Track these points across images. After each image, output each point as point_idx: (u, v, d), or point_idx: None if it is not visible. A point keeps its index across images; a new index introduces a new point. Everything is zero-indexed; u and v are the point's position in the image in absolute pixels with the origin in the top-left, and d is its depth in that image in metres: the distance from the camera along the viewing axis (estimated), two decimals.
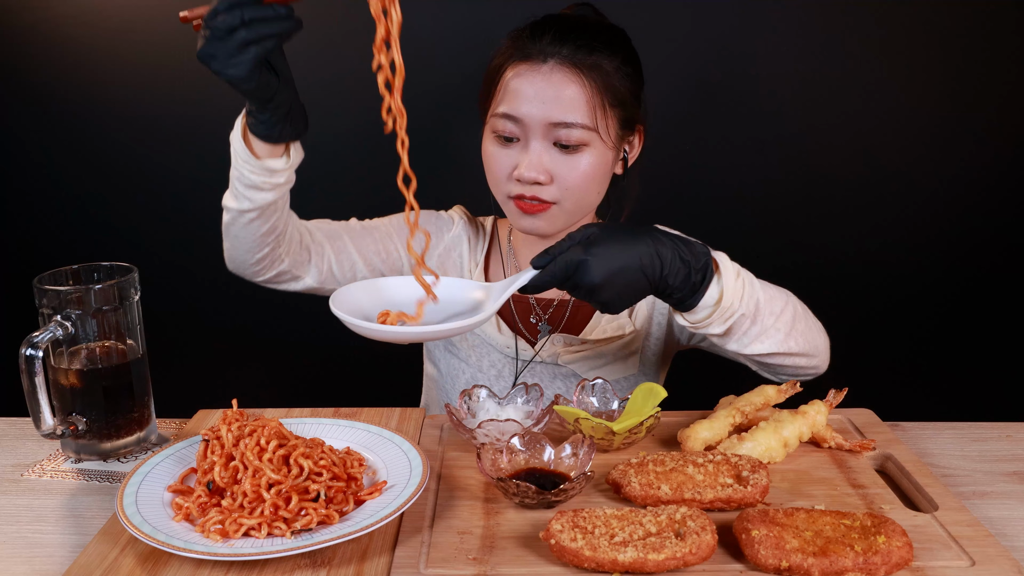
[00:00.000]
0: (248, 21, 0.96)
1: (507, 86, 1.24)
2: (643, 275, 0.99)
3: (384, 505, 0.90)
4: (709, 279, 1.04)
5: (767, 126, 2.09)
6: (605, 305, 1.00)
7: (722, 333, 1.09)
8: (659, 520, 0.86)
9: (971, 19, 2.00)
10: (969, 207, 2.13)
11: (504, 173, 1.27)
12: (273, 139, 1.12)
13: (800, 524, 0.86)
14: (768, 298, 1.11)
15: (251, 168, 1.14)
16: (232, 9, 0.95)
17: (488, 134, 1.29)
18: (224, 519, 0.87)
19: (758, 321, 1.09)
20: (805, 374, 1.20)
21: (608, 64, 1.23)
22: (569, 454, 1.01)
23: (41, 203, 2.19)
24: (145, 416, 1.15)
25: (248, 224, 1.21)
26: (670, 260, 1.00)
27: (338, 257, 1.37)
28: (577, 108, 1.21)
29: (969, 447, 1.15)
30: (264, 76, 1.03)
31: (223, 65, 0.98)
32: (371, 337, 0.95)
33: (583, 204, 1.28)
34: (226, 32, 0.96)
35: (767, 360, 1.15)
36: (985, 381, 2.23)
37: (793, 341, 1.13)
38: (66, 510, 1.01)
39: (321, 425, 1.09)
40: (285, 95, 1.08)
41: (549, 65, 1.21)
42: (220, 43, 0.97)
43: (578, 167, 1.23)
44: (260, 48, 0.98)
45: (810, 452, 1.08)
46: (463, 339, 1.42)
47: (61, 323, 1.05)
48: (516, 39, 1.26)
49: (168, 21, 2.03)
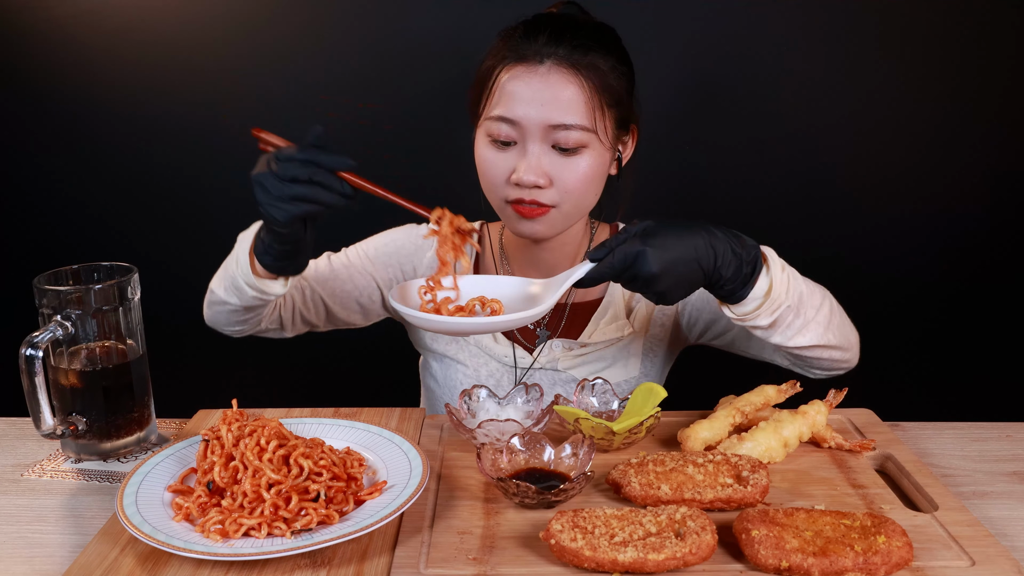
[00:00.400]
0: (314, 181, 1.00)
1: (502, 88, 1.22)
2: (698, 266, 1.02)
3: (384, 505, 0.91)
4: (758, 272, 1.08)
5: (767, 126, 2.09)
6: (660, 295, 1.04)
7: (768, 325, 1.11)
8: (659, 520, 0.86)
9: (976, 16, 2.00)
10: (969, 207, 2.13)
11: (501, 177, 1.24)
12: (277, 272, 1.16)
13: (800, 524, 0.87)
14: (809, 292, 1.14)
15: (247, 280, 1.17)
16: (307, 164, 1.00)
17: (482, 137, 1.26)
18: (224, 519, 0.88)
19: (801, 314, 1.13)
20: (839, 368, 1.24)
21: (603, 63, 1.21)
22: (569, 454, 1.01)
23: (41, 203, 2.19)
24: (145, 416, 1.15)
25: (231, 312, 1.25)
26: (723, 252, 1.03)
27: (316, 312, 1.40)
28: (576, 109, 1.19)
29: (969, 447, 1.15)
30: (297, 229, 1.06)
31: (268, 200, 1.02)
32: (429, 328, 1.03)
33: (582, 206, 1.27)
34: (288, 178, 1.00)
35: (806, 353, 1.17)
36: (985, 381, 2.23)
37: (831, 334, 1.17)
38: (66, 510, 1.01)
39: (321, 425, 1.10)
40: (301, 248, 1.12)
41: (546, 66, 1.19)
42: (276, 182, 1.01)
43: (577, 169, 1.22)
44: (309, 207, 1.02)
45: (810, 452, 1.09)
46: (460, 349, 1.40)
47: (61, 323, 1.06)
48: (509, 39, 1.24)
49: (168, 22, 2.03)
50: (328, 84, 2.04)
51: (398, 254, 1.43)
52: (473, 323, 1.01)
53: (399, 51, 2.01)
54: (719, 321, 1.36)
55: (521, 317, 0.99)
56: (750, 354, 1.36)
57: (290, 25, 2.03)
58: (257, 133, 1.06)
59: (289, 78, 2.04)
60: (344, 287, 1.40)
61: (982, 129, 2.08)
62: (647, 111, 1.35)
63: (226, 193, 2.16)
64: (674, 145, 2.08)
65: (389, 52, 2.02)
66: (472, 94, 1.30)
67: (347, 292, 1.41)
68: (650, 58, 1.92)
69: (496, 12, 1.41)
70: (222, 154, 2.13)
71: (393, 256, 1.43)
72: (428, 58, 2.03)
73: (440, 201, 1.49)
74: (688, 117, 2.08)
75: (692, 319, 1.39)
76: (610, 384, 1.18)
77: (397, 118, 2.06)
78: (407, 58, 2.02)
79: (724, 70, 2.06)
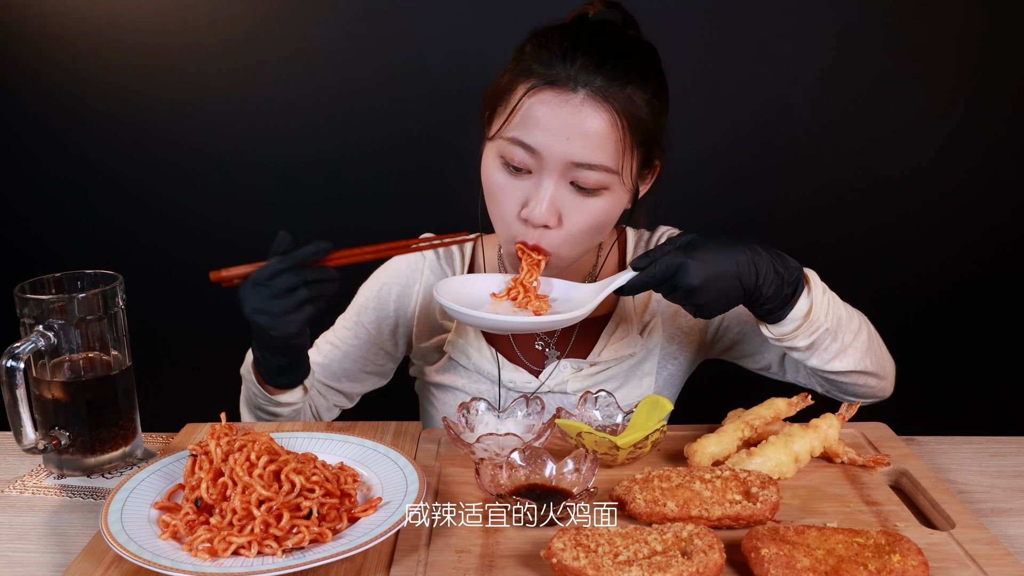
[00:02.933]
0: (310, 282, 1.06)
1: (527, 110, 1.14)
2: (739, 282, 1.07)
3: (379, 522, 0.90)
4: (799, 293, 1.12)
5: (774, 129, 2.09)
6: (700, 308, 1.09)
7: (805, 347, 1.16)
8: (665, 538, 0.86)
9: (990, 13, 2.01)
10: (991, 216, 2.13)
11: (513, 210, 1.19)
12: (291, 386, 1.23)
13: (811, 542, 0.86)
14: (848, 317, 1.18)
15: (265, 401, 1.24)
16: (295, 270, 1.05)
17: (492, 156, 1.20)
18: (213, 537, 0.87)
19: (839, 338, 1.17)
20: (874, 396, 1.28)
21: (640, 96, 1.15)
22: (571, 469, 1.01)
23: (22, 209, 2.19)
24: (130, 430, 1.15)
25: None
26: (765, 271, 1.08)
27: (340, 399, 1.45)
28: (603, 148, 1.13)
29: (987, 462, 1.15)
30: (306, 333, 1.13)
31: (275, 321, 1.06)
32: (472, 325, 1.14)
33: (580, 249, 1.22)
34: (287, 290, 1.05)
35: (843, 379, 1.21)
36: (1004, 393, 2.22)
37: (869, 360, 1.21)
38: (48, 528, 1.01)
39: (313, 439, 1.09)
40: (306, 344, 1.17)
41: (580, 97, 1.12)
42: (279, 300, 1.06)
43: (590, 211, 1.17)
44: (315, 307, 1.08)
45: (822, 467, 1.08)
46: (458, 375, 1.38)
47: (43, 333, 1.06)
48: (538, 54, 1.16)
49: (153, 23, 2.03)
50: (320, 85, 2.05)
51: (390, 295, 1.43)
52: (514, 321, 1.11)
53: (425, 53, 2.03)
54: (749, 340, 1.39)
55: (564, 318, 1.08)
56: (785, 379, 1.39)
57: (277, 28, 2.03)
58: (216, 276, 1.08)
59: (278, 80, 2.05)
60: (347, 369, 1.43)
61: (1002, 131, 2.08)
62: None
63: (215, 198, 2.17)
64: (682, 148, 2.09)
65: (384, 53, 2.03)
66: (488, 102, 1.23)
67: (353, 372, 1.44)
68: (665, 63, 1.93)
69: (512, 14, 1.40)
70: (211, 158, 2.14)
71: (386, 300, 1.43)
72: (426, 60, 2.04)
73: (459, 206, 1.49)
74: (697, 121, 2.09)
75: (723, 329, 1.40)
76: (614, 397, 1.18)
77: (420, 121, 2.07)
78: (429, 63, 2.03)
79: (734, 72, 2.07)
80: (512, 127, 1.16)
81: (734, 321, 1.39)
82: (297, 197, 2.15)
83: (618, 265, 1.42)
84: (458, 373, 1.39)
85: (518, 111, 1.15)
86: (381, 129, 2.09)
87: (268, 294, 1.05)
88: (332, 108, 2.07)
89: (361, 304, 1.43)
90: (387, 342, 1.44)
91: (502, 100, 1.19)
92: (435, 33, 2.01)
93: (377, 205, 2.15)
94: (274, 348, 1.14)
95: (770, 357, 1.38)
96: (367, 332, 1.42)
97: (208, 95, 2.08)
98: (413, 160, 2.10)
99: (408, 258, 1.43)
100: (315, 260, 1.07)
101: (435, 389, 1.43)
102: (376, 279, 1.44)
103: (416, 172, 2.11)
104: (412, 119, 2.07)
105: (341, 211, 2.14)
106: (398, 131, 2.09)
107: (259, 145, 2.12)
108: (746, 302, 1.11)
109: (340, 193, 2.14)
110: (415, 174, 2.11)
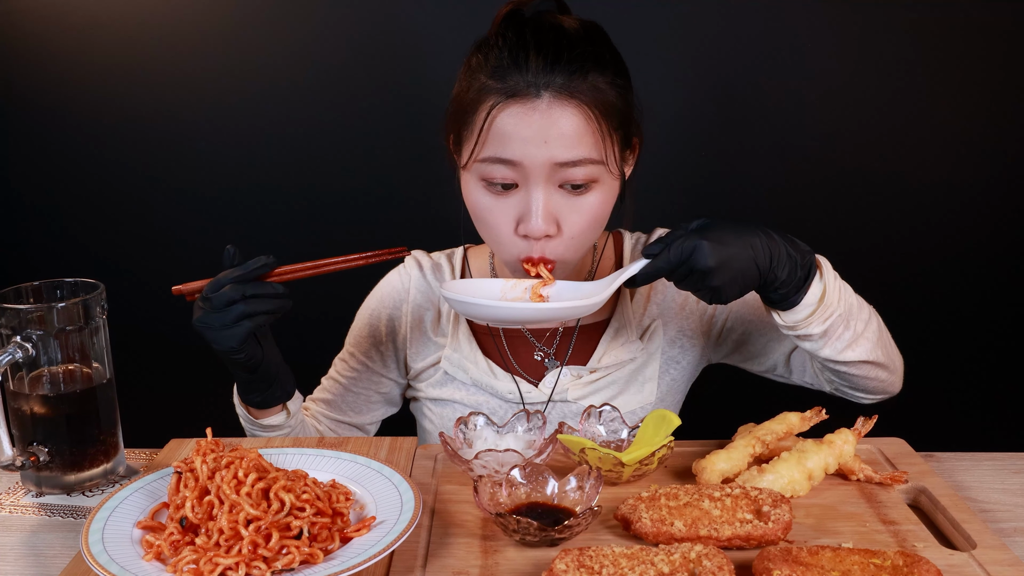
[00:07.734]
0: (247, 296, 1.11)
1: (496, 128, 1.16)
2: (755, 264, 1.08)
3: (373, 543, 0.90)
4: (811, 278, 1.14)
5: (786, 133, 2.10)
6: (716, 291, 1.09)
7: (820, 334, 1.16)
8: (672, 559, 0.86)
9: (1004, 19, 2.02)
10: (1014, 226, 2.14)
11: (508, 229, 1.20)
12: (264, 405, 1.26)
13: (826, 564, 0.87)
14: (858, 305, 1.20)
15: (254, 426, 1.29)
16: (236, 284, 1.11)
17: (473, 181, 1.21)
18: (199, 558, 0.87)
19: (851, 326, 1.18)
20: (884, 391, 1.29)
21: (602, 82, 1.17)
22: (574, 487, 1.01)
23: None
24: (112, 446, 1.15)
25: None
26: (778, 254, 1.10)
27: (351, 428, 1.48)
28: (582, 142, 1.15)
29: (1010, 479, 1.15)
30: (252, 348, 1.16)
31: (216, 335, 1.12)
32: (486, 317, 1.18)
33: (585, 247, 1.25)
34: (224, 304, 1.11)
35: (855, 370, 1.22)
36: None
37: (880, 351, 1.23)
38: (26, 548, 1.01)
39: (304, 456, 1.10)
40: (270, 367, 1.21)
41: (545, 100, 1.14)
42: (217, 314, 1.11)
43: (586, 209, 1.19)
44: (253, 323, 1.12)
45: (837, 485, 1.09)
46: (456, 389, 1.40)
47: (21, 344, 1.06)
48: (489, 67, 1.17)
49: (136, 23, 2.04)
50: (304, 95, 2.06)
51: (380, 322, 1.45)
52: (532, 308, 1.12)
53: (422, 55, 2.04)
54: (754, 340, 1.40)
55: (581, 304, 1.10)
56: (791, 380, 1.40)
57: (259, 32, 2.04)
58: (178, 291, 1.16)
59: (264, 82, 2.06)
60: (352, 402, 1.47)
61: (1017, 135, 2.09)
62: (662, 118, 1.34)
63: (201, 205, 2.17)
64: (695, 151, 2.10)
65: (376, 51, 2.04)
66: (451, 127, 1.24)
67: (358, 404, 1.47)
68: (670, 64, 1.94)
69: None
70: (194, 163, 2.14)
71: (377, 327, 1.45)
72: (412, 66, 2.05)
73: (434, 207, 1.49)
74: (709, 123, 2.09)
75: (728, 329, 1.41)
76: (619, 411, 1.18)
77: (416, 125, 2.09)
78: (428, 63, 2.04)
79: (746, 76, 2.08)
80: (486, 148, 1.18)
81: (738, 320, 1.40)
82: (285, 207, 2.16)
83: (614, 268, 1.43)
84: (455, 386, 1.40)
85: (487, 131, 1.17)
86: (366, 139, 2.11)
87: (208, 308, 1.11)
88: (316, 118, 2.09)
89: (356, 335, 1.47)
90: (387, 368, 1.46)
91: (466, 124, 1.21)
92: (423, 39, 2.03)
93: (363, 214, 2.17)
94: (227, 363, 1.19)
95: (776, 357, 1.39)
96: (364, 362, 1.46)
97: (193, 104, 2.10)
98: (400, 170, 2.11)
99: (392, 281, 1.46)
100: (258, 275, 1.13)
101: (432, 404, 1.44)
102: (365, 308, 1.48)
103: (404, 181, 2.12)
104: (398, 126, 2.09)
105: (327, 220, 2.15)
106: (385, 139, 2.10)
107: (246, 156, 2.13)
108: (760, 287, 1.12)
109: (326, 200, 2.15)
110: (403, 183, 2.12)
